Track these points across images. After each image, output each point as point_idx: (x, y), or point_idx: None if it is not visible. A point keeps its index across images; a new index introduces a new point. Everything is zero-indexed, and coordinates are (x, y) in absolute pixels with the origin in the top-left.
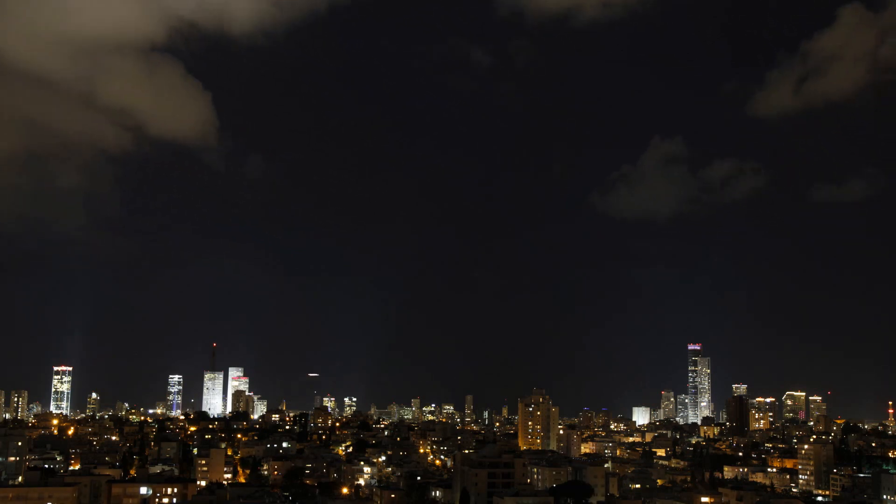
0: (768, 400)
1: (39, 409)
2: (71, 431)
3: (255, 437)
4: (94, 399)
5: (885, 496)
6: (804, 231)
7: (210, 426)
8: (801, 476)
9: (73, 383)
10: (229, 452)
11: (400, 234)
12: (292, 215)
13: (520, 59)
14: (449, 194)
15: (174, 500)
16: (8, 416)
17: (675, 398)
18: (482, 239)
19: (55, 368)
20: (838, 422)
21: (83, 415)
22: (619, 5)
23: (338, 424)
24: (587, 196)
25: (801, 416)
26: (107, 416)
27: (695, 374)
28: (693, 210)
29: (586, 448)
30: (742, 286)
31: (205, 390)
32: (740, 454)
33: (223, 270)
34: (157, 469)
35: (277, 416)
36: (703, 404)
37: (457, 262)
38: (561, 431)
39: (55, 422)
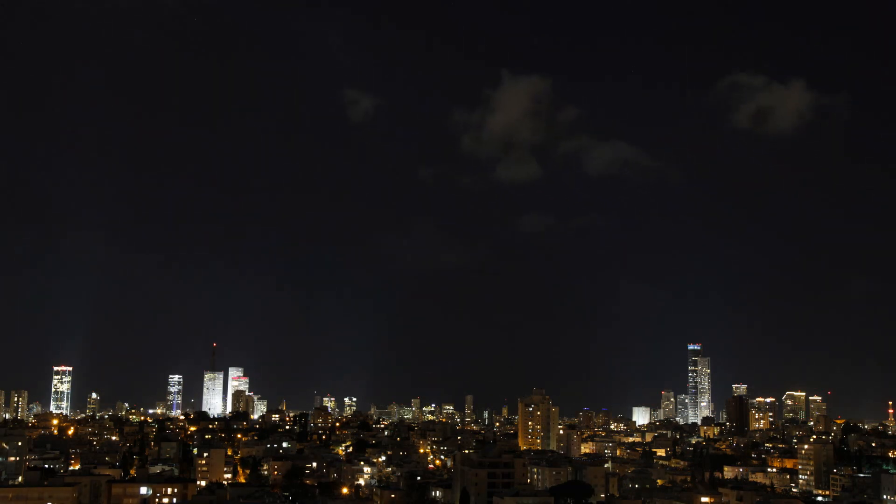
0: (768, 400)
1: (39, 409)
2: (71, 431)
3: (255, 437)
4: (94, 399)
5: (885, 496)
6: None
7: (210, 426)
8: (801, 476)
9: (73, 383)
10: (229, 452)
11: (400, 234)
12: (292, 215)
13: None
14: (447, 194)
15: (174, 500)
16: (8, 416)
17: (675, 398)
18: (481, 238)
19: (55, 368)
20: (838, 422)
21: (83, 415)
22: None
23: (338, 424)
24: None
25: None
26: (107, 416)
27: (695, 374)
28: None
29: (586, 448)
30: (742, 286)
31: (205, 390)
32: (740, 454)
33: (222, 270)
34: (157, 469)
35: (277, 416)
36: (703, 404)
37: (456, 262)
38: (561, 431)
39: (55, 422)
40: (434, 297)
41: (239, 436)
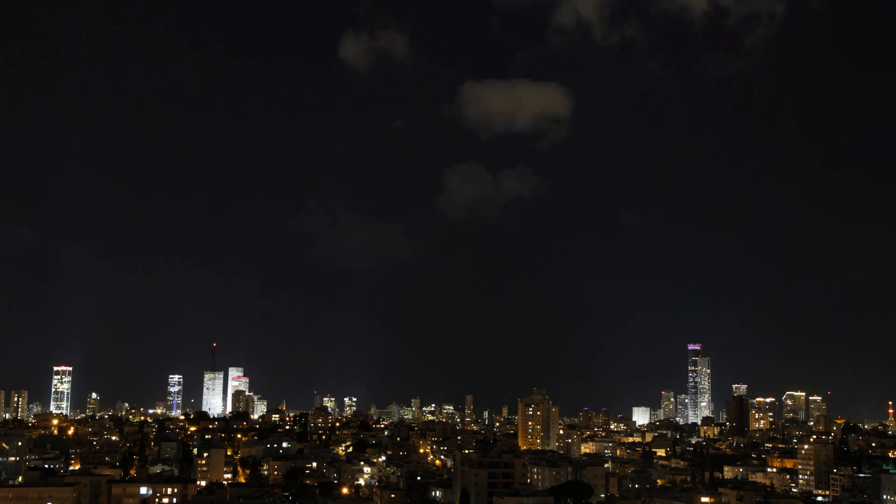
0: (768, 400)
1: (39, 409)
2: (71, 431)
3: (255, 437)
4: (94, 399)
5: (885, 496)
6: None
7: (210, 426)
8: (801, 476)
9: (73, 383)
10: (229, 452)
11: (400, 234)
12: (292, 214)
13: None
14: (446, 194)
15: (174, 500)
16: (8, 416)
17: (675, 398)
18: (481, 239)
19: (55, 368)
20: (838, 422)
21: (83, 415)
22: None
23: (338, 424)
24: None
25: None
26: (107, 416)
27: (695, 374)
28: None
29: (586, 448)
30: (742, 286)
31: (205, 390)
32: (740, 454)
33: (223, 270)
34: (157, 469)
35: (277, 416)
36: (703, 404)
37: (456, 262)
38: (561, 431)
39: (55, 422)
40: (435, 296)
41: (239, 436)
